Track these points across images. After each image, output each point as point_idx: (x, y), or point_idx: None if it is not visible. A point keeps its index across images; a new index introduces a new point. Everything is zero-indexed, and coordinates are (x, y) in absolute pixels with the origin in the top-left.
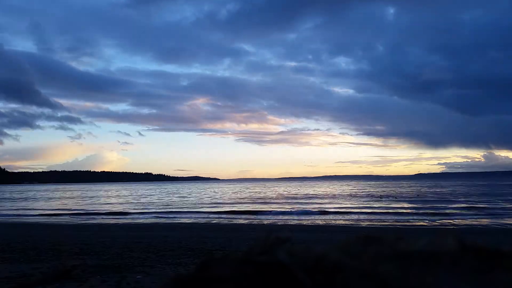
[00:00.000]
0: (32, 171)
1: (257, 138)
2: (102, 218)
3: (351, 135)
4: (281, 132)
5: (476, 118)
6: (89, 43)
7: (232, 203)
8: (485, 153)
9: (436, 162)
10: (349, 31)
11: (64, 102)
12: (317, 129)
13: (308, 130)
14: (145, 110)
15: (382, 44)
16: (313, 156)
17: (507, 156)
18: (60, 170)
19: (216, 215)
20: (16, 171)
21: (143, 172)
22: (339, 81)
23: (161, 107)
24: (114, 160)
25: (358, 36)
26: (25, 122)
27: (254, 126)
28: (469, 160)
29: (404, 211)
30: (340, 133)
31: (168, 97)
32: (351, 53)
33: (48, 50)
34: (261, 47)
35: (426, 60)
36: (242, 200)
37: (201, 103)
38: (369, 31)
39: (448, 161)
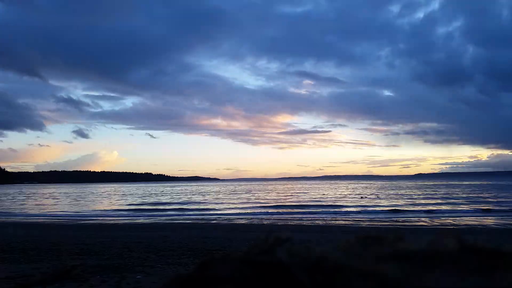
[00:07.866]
0: (32, 171)
1: (256, 138)
2: (102, 218)
3: (351, 133)
4: (281, 132)
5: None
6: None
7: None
8: (489, 152)
9: (438, 162)
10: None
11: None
12: (318, 128)
13: (309, 129)
14: (145, 109)
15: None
16: (313, 155)
17: None
18: (60, 170)
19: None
20: (15, 171)
21: (143, 172)
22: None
23: (161, 105)
24: (114, 159)
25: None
26: (23, 122)
27: (252, 125)
28: (472, 160)
29: (405, 209)
30: (340, 132)
31: (168, 95)
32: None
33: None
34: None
35: (441, 50)
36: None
37: (199, 101)
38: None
39: (449, 161)
